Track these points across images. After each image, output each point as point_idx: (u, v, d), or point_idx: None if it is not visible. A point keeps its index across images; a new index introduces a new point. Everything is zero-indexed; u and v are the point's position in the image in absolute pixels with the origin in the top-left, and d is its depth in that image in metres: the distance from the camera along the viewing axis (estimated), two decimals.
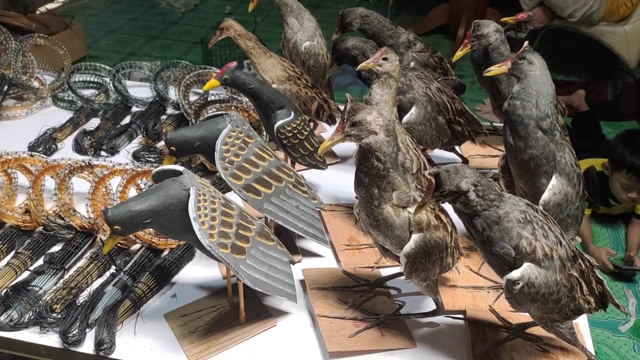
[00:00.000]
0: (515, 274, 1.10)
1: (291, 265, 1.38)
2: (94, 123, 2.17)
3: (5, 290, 1.43)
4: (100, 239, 1.60)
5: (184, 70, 2.32)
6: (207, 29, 5.01)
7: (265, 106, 1.61)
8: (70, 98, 2.28)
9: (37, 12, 4.33)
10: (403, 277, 1.28)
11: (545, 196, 1.36)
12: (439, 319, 1.41)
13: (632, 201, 2.85)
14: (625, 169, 2.74)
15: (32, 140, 2.03)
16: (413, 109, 1.67)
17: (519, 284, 1.10)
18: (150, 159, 1.96)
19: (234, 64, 1.58)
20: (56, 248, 1.58)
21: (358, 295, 1.45)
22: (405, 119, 1.67)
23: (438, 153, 1.91)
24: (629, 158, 2.73)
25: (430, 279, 1.29)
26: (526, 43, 1.38)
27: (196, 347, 1.32)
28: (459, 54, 1.67)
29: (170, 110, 2.23)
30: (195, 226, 1.20)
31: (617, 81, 4.00)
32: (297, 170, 1.62)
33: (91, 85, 2.38)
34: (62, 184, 1.66)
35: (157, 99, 2.23)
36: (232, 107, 2.11)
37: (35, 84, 2.31)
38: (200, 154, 1.50)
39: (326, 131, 2.17)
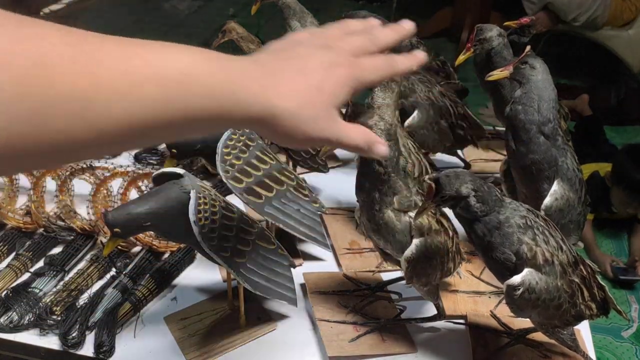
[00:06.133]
0: (515, 279, 1.10)
1: (292, 268, 1.38)
2: None
3: (5, 291, 1.43)
4: (101, 241, 1.59)
5: None
6: (211, 31, 5.01)
7: None
8: None
9: (41, 13, 4.33)
10: (404, 282, 1.28)
11: (547, 201, 1.35)
12: (439, 324, 1.40)
13: (630, 215, 2.84)
14: (623, 184, 2.71)
15: None
16: (415, 113, 1.67)
17: (519, 289, 1.10)
18: (152, 162, 1.96)
19: None
20: (57, 250, 1.57)
21: (359, 299, 1.45)
22: (407, 122, 1.66)
23: (440, 157, 1.91)
24: (627, 173, 2.70)
25: (431, 283, 1.28)
26: (528, 47, 1.37)
27: (196, 350, 1.32)
28: (461, 57, 1.67)
29: None
30: (196, 229, 1.19)
31: (621, 86, 3.99)
32: (299, 174, 1.61)
33: None
34: (63, 186, 1.66)
35: None
36: None
37: None
38: (202, 156, 1.50)
39: None
